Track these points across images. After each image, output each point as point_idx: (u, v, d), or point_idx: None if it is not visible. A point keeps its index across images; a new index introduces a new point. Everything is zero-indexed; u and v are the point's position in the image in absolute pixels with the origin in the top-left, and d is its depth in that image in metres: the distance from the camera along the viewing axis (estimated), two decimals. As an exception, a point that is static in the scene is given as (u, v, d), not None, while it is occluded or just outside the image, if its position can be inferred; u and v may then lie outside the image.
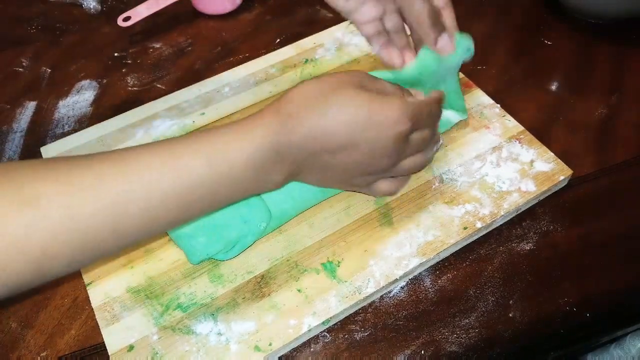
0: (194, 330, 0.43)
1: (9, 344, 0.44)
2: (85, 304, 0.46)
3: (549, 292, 0.46)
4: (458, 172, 0.51)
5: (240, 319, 0.43)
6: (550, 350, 0.44)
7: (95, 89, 0.63)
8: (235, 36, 0.69)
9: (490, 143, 0.53)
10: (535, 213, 0.50)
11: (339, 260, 0.46)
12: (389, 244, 0.47)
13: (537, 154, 0.52)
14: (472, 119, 0.55)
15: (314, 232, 0.48)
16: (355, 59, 0.62)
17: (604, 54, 0.64)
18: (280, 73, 0.61)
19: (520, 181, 0.50)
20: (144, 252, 0.47)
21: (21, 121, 0.61)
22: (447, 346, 0.43)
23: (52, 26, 0.71)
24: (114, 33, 0.70)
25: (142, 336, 0.43)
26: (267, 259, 0.46)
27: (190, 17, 0.71)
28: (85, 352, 0.44)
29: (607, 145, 0.55)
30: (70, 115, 0.61)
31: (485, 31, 0.68)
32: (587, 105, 0.59)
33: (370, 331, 0.44)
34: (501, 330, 0.44)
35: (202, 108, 0.58)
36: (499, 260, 0.48)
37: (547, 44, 0.65)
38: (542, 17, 0.69)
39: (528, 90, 0.60)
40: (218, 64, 0.65)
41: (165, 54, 0.67)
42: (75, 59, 0.67)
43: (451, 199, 0.49)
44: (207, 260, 0.46)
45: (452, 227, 0.48)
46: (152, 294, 0.45)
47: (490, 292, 0.46)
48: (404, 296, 0.46)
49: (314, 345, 0.44)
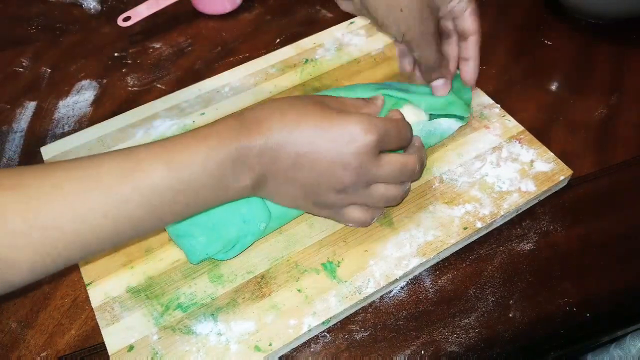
0: (194, 330, 0.43)
1: (9, 344, 0.44)
2: (85, 304, 0.46)
3: (549, 292, 0.46)
4: (458, 172, 0.51)
5: (240, 319, 0.43)
6: (550, 350, 0.44)
7: (95, 89, 0.63)
8: (235, 36, 0.69)
9: (490, 143, 0.53)
10: (535, 213, 0.50)
11: (339, 260, 0.46)
12: (389, 244, 0.47)
13: (537, 154, 0.52)
14: (472, 119, 0.55)
15: (314, 232, 0.48)
16: (355, 59, 0.62)
17: (604, 54, 0.64)
18: (280, 73, 0.61)
19: (520, 181, 0.50)
20: (144, 252, 0.47)
21: (21, 121, 0.61)
22: (447, 346, 0.43)
23: (52, 26, 0.71)
24: (114, 33, 0.70)
25: (142, 336, 0.43)
26: (267, 259, 0.46)
27: (190, 17, 0.71)
28: (85, 352, 0.44)
29: (607, 145, 0.55)
30: (70, 115, 0.61)
31: (485, 31, 0.67)
32: (587, 105, 0.59)
33: (370, 331, 0.44)
34: (501, 330, 0.44)
35: (202, 108, 0.58)
36: (499, 260, 0.48)
37: (547, 44, 0.65)
38: (542, 17, 0.69)
39: (528, 90, 0.60)
40: (218, 64, 0.65)
41: (165, 54, 0.67)
42: (75, 59, 0.67)
43: (451, 199, 0.49)
44: (207, 260, 0.46)
45: (452, 227, 0.48)
46: (152, 294, 0.45)
47: (490, 292, 0.46)
48: (404, 296, 0.46)
49: (314, 345, 0.44)
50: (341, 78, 0.60)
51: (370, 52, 0.62)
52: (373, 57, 0.62)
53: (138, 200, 0.36)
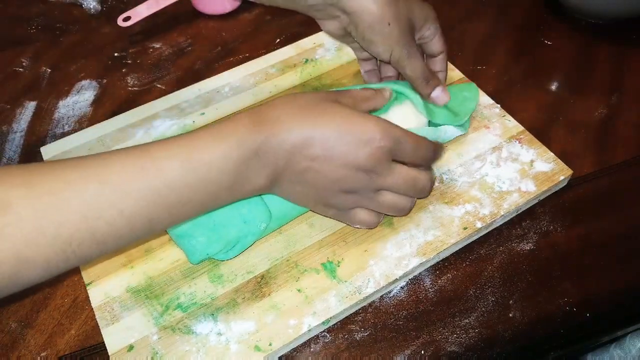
0: (194, 330, 0.43)
1: (9, 344, 0.44)
2: (85, 304, 0.46)
3: (549, 292, 0.46)
4: (458, 172, 0.51)
5: (240, 319, 0.43)
6: (550, 350, 0.44)
7: (95, 89, 0.63)
8: (235, 36, 0.69)
9: (490, 143, 0.53)
10: (535, 213, 0.50)
11: (339, 260, 0.46)
12: (389, 244, 0.47)
13: (537, 154, 0.52)
14: (472, 119, 0.55)
15: (314, 232, 0.48)
16: (355, 59, 0.62)
17: (604, 54, 0.64)
18: (280, 73, 0.61)
19: (520, 181, 0.50)
20: (144, 252, 0.47)
21: (21, 121, 0.61)
22: (447, 346, 0.43)
23: (52, 26, 0.71)
24: (114, 33, 0.70)
25: (142, 336, 0.43)
26: (267, 259, 0.46)
27: (190, 17, 0.71)
28: (85, 352, 0.44)
29: (607, 145, 0.55)
30: (70, 115, 0.61)
31: (485, 31, 0.68)
32: (587, 105, 0.59)
33: (370, 331, 0.44)
34: (501, 330, 0.44)
35: (202, 108, 0.58)
36: (499, 260, 0.48)
37: (547, 44, 0.65)
38: (542, 17, 0.69)
39: (528, 90, 0.60)
40: (218, 64, 0.65)
41: (165, 54, 0.67)
42: (75, 59, 0.67)
43: (451, 199, 0.49)
44: (207, 260, 0.46)
45: (452, 227, 0.48)
46: (152, 294, 0.45)
47: (490, 292, 0.46)
48: (404, 296, 0.46)
49: (314, 345, 0.44)
50: (341, 78, 0.60)
51: (370, 52, 0.62)
52: (373, 57, 0.62)
53: (154, 198, 0.36)
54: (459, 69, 0.60)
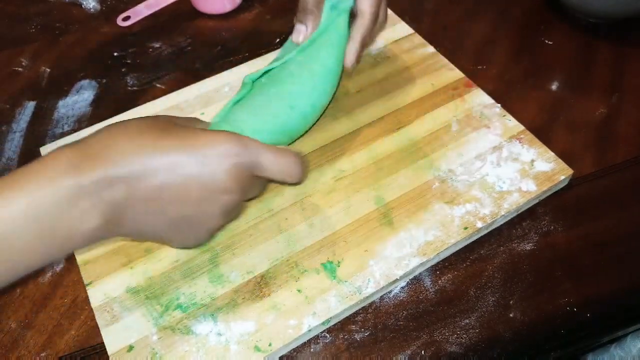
0: (193, 330, 0.43)
1: (9, 344, 0.44)
2: (85, 304, 0.46)
3: (550, 292, 0.46)
4: (458, 171, 0.51)
5: (240, 319, 0.43)
6: (550, 350, 0.44)
7: (95, 89, 0.63)
8: (235, 36, 0.69)
9: (491, 143, 0.53)
10: (535, 213, 0.50)
11: (339, 261, 0.46)
12: (389, 244, 0.47)
13: (537, 153, 0.52)
14: (472, 119, 0.55)
15: (314, 232, 0.48)
16: (355, 58, 0.62)
17: (604, 54, 0.64)
18: (280, 73, 0.61)
19: (520, 181, 0.50)
20: (144, 252, 0.47)
21: (21, 121, 0.60)
22: (447, 346, 0.43)
23: (51, 26, 0.71)
24: (114, 33, 0.69)
25: (142, 336, 0.42)
26: (267, 259, 0.46)
27: (190, 17, 0.71)
28: (85, 352, 0.43)
29: (607, 145, 0.55)
30: (69, 115, 0.61)
31: (485, 31, 0.68)
32: (587, 104, 0.59)
33: (371, 331, 0.44)
34: (501, 330, 0.44)
35: (202, 108, 0.58)
36: (499, 260, 0.47)
37: (547, 43, 0.65)
38: (543, 16, 0.69)
39: (528, 90, 0.60)
40: (218, 63, 0.65)
41: (165, 54, 0.67)
42: (75, 59, 0.67)
43: (451, 198, 0.49)
44: (207, 260, 0.46)
45: (452, 227, 0.47)
46: (152, 294, 0.45)
47: (491, 292, 0.46)
48: (404, 296, 0.46)
49: (314, 346, 0.43)
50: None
51: (370, 51, 0.62)
52: (373, 57, 0.62)
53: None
54: (459, 68, 0.60)
